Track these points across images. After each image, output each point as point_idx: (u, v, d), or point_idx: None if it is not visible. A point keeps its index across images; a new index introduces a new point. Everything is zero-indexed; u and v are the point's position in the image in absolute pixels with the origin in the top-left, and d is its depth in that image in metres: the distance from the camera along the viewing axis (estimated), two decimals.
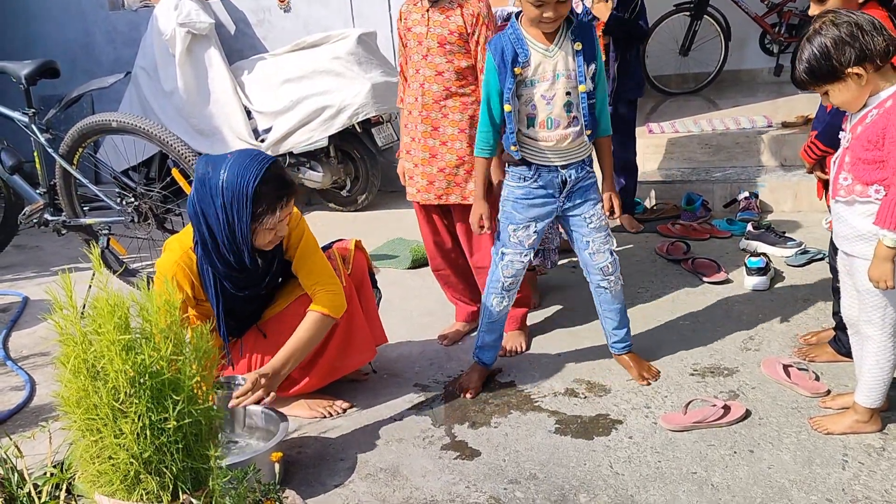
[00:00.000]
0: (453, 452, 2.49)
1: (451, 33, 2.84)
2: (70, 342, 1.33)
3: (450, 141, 2.91)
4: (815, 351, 2.87)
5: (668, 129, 5.35)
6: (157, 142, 3.72)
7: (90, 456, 1.35)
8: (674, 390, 2.74)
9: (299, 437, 2.63)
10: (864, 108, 2.18)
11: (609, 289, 2.80)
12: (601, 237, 2.72)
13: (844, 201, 2.26)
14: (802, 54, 2.15)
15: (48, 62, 3.95)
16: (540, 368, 2.97)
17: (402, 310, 3.52)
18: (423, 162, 2.95)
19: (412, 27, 2.90)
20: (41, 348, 3.49)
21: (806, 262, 3.73)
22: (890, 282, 2.15)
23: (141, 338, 1.35)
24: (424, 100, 2.90)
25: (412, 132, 2.98)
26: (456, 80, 2.88)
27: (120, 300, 1.35)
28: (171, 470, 1.37)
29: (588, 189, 2.70)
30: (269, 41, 5.82)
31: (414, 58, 2.92)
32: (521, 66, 2.52)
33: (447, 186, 2.95)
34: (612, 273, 2.77)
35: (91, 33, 6.39)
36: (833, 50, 2.10)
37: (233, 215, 2.30)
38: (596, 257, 2.73)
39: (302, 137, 4.94)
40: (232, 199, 2.28)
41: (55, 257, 4.78)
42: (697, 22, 6.62)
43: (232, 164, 2.29)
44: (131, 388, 1.31)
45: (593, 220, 2.70)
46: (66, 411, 1.38)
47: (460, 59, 2.86)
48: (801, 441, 2.39)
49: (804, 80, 2.19)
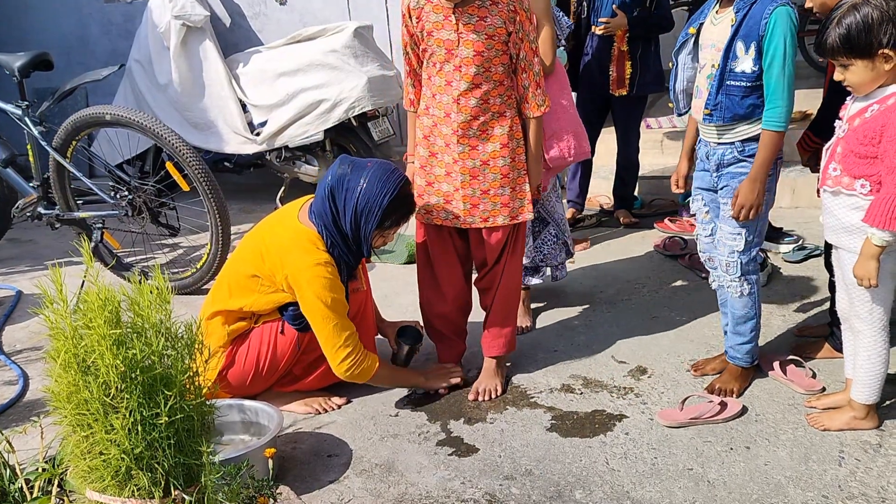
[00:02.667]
0: (449, 448, 2.47)
1: (490, 38, 2.48)
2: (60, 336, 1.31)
3: (491, 160, 2.60)
4: (812, 348, 2.86)
5: (667, 124, 5.34)
6: (151, 135, 3.69)
7: (81, 451, 1.34)
8: (670, 386, 2.73)
9: (294, 433, 2.62)
10: (866, 99, 2.16)
11: (728, 288, 2.60)
12: (727, 230, 2.55)
13: (831, 191, 2.25)
14: (844, 20, 2.10)
15: (41, 54, 3.92)
16: (536, 364, 2.96)
17: (396, 304, 3.51)
18: (462, 185, 2.63)
19: (434, 31, 2.52)
20: (34, 342, 3.47)
21: (803, 258, 3.73)
22: (874, 280, 2.14)
23: (132, 332, 1.33)
24: (461, 117, 2.56)
25: (443, 150, 2.64)
26: (494, 90, 2.55)
27: (111, 294, 1.34)
28: (162, 466, 1.35)
29: (735, 177, 2.49)
30: (264, 34, 5.78)
31: (444, 67, 2.54)
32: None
33: (493, 208, 2.65)
34: (730, 273, 2.56)
35: (86, 25, 6.34)
36: (876, 25, 2.06)
37: (362, 220, 2.51)
38: (719, 247, 2.61)
39: (298, 131, 4.90)
40: (366, 206, 2.49)
41: (49, 251, 4.75)
42: None
43: (372, 175, 2.49)
44: (122, 384, 1.30)
45: (724, 210, 2.55)
46: (57, 406, 1.36)
47: (497, 64, 2.52)
48: (797, 438, 2.38)
49: (835, 47, 2.13)
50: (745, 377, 2.66)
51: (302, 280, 2.51)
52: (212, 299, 2.71)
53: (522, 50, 2.54)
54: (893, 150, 2.06)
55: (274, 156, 5.08)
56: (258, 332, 2.66)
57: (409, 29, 2.60)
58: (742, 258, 2.53)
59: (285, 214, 2.66)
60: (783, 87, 2.33)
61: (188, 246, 4.58)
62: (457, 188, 2.64)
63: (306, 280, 2.50)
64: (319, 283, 2.50)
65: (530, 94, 2.60)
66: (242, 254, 2.70)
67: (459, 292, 2.87)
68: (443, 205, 2.69)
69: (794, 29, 2.32)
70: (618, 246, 4.14)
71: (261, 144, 4.97)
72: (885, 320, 2.30)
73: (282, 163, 5.09)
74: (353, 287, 2.72)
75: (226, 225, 3.72)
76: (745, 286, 2.56)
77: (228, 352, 2.65)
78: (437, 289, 2.86)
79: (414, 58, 2.66)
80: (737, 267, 2.53)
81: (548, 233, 3.22)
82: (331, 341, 2.54)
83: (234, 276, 2.67)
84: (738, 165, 2.48)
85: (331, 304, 2.51)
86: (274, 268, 2.55)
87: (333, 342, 2.54)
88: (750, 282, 2.56)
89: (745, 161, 2.46)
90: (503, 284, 2.79)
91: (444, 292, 2.85)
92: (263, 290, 2.60)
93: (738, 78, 2.39)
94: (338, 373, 2.59)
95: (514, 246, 2.77)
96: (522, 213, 2.70)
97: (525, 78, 2.59)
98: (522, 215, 2.70)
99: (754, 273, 2.57)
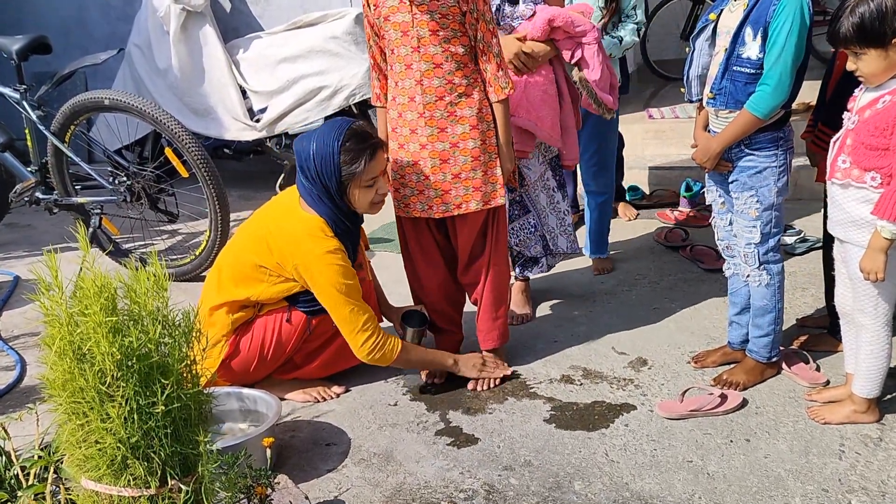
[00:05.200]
0: (447, 438, 2.46)
1: (444, 17, 2.47)
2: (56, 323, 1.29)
3: (461, 141, 2.56)
4: (814, 340, 2.85)
5: (669, 114, 5.31)
6: (150, 120, 3.66)
7: (76, 440, 1.32)
8: (670, 378, 2.72)
9: (293, 421, 2.61)
10: (877, 89, 2.14)
11: (748, 278, 2.58)
12: (742, 222, 2.53)
13: (840, 184, 2.23)
14: (857, 8, 2.08)
15: (40, 37, 3.89)
16: (536, 354, 2.95)
17: (395, 293, 3.47)
18: (433, 171, 2.59)
19: (389, 16, 2.51)
20: (32, 328, 3.46)
21: (806, 250, 3.71)
22: (881, 274, 2.13)
23: (129, 320, 1.31)
24: (425, 98, 2.53)
25: (410, 138, 2.60)
26: (458, 70, 2.52)
27: (107, 281, 1.32)
28: (159, 455, 1.34)
29: (745, 170, 2.47)
30: (265, 19, 5.74)
31: (400, 51, 2.53)
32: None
33: (465, 193, 2.61)
34: (749, 264, 2.54)
35: (85, 7, 6.30)
36: (891, 13, 2.04)
37: (325, 176, 2.48)
38: (738, 238, 2.59)
39: (298, 118, 4.88)
40: (322, 161, 2.47)
41: (47, 236, 4.73)
42: (699, 6, 6.55)
43: (318, 133, 2.50)
44: (118, 372, 1.28)
45: (737, 203, 2.53)
46: (52, 394, 1.35)
47: (456, 44, 2.51)
48: (798, 430, 2.37)
49: (848, 35, 2.11)
50: (757, 372, 2.63)
51: (314, 269, 2.50)
52: (214, 289, 2.68)
53: (479, 30, 2.52)
54: None
55: (274, 142, 5.06)
56: (262, 321, 2.65)
57: (369, 18, 2.59)
58: (760, 249, 2.51)
59: (287, 204, 2.64)
60: (776, 73, 2.30)
61: (187, 233, 4.56)
62: (426, 175, 2.61)
63: (318, 269, 2.50)
64: (333, 270, 2.49)
65: (491, 76, 2.56)
66: (244, 243, 2.68)
67: (442, 284, 2.84)
68: (416, 195, 2.64)
69: (804, 17, 2.29)
70: (618, 237, 4.11)
71: (261, 131, 4.95)
72: (889, 315, 2.29)
73: (282, 150, 5.07)
74: (360, 276, 2.70)
75: (225, 212, 3.70)
76: (763, 276, 2.54)
77: (232, 340, 2.63)
78: (419, 283, 2.86)
79: (377, 50, 2.64)
80: (755, 257, 2.53)
81: (526, 220, 3.16)
82: (349, 325, 2.54)
83: (237, 267, 2.65)
84: (746, 159, 2.46)
85: (345, 290, 2.51)
86: (283, 258, 2.54)
87: (352, 326, 2.53)
88: (770, 272, 2.54)
89: (753, 154, 2.44)
90: (491, 277, 2.76)
91: (426, 286, 2.85)
92: (271, 280, 2.59)
93: (744, 64, 2.37)
94: (360, 356, 2.58)
95: (495, 235, 2.73)
96: (495, 197, 2.66)
97: (485, 60, 2.56)
98: (495, 200, 2.66)
99: (775, 263, 2.55)
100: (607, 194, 3.70)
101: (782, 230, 2.58)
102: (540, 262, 3.27)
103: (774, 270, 2.55)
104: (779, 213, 2.51)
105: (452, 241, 2.77)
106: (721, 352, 2.78)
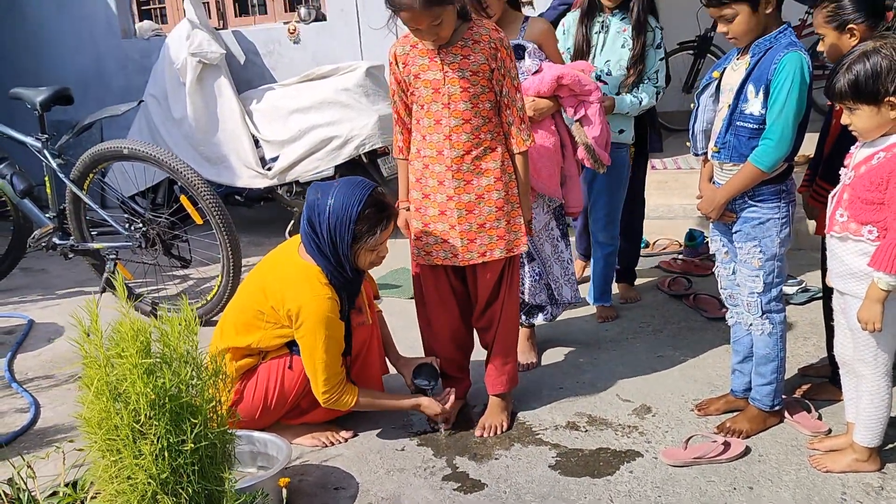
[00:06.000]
0: (454, 483, 2.50)
1: (475, 74, 2.56)
2: (94, 365, 1.36)
3: (486, 193, 2.65)
4: (816, 389, 2.89)
5: (671, 165, 5.42)
6: (167, 169, 3.78)
7: (109, 476, 1.38)
8: (674, 425, 2.76)
9: (301, 465, 2.65)
10: (872, 146, 2.23)
11: (750, 326, 2.64)
12: (745, 272, 2.60)
13: (839, 237, 2.30)
14: (853, 66, 2.18)
15: (63, 89, 4.03)
16: (541, 401, 2.99)
17: (404, 339, 3.53)
18: (459, 221, 2.67)
19: (420, 73, 2.60)
20: (46, 371, 3.52)
21: (807, 300, 3.77)
22: (878, 324, 2.18)
23: (161, 362, 1.39)
24: (453, 152, 2.61)
25: (436, 189, 2.68)
26: (484, 126, 2.62)
27: (142, 325, 1.39)
28: (186, 491, 1.39)
29: (748, 221, 2.55)
30: (277, 71, 5.90)
31: (431, 107, 2.61)
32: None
33: (490, 242, 2.69)
34: (752, 313, 2.61)
35: (103, 60, 6.49)
36: (885, 73, 2.14)
37: (336, 236, 2.54)
38: (741, 287, 2.65)
39: (309, 167, 5.00)
40: (337, 221, 2.52)
41: (60, 280, 4.82)
42: (701, 60, 6.73)
43: (338, 191, 2.54)
44: (151, 411, 1.35)
45: (740, 253, 2.61)
46: (88, 432, 1.41)
47: (484, 100, 2.60)
48: (800, 479, 2.40)
49: (843, 91, 2.21)
50: (759, 420, 2.67)
51: (302, 314, 2.55)
52: (219, 335, 2.74)
53: (505, 86, 2.61)
54: None
55: (284, 190, 5.17)
56: (265, 367, 2.70)
57: (397, 76, 2.67)
58: (762, 298, 2.58)
59: (286, 251, 2.71)
60: (779, 128, 2.40)
61: (198, 277, 4.64)
62: (453, 225, 2.68)
63: (306, 314, 2.55)
64: (317, 318, 2.54)
65: (514, 129, 2.66)
66: (247, 291, 2.75)
67: (455, 332, 2.90)
68: (440, 244, 2.72)
69: (804, 75, 2.38)
70: None
71: (272, 179, 5.06)
72: (889, 365, 2.33)
73: (292, 197, 5.18)
74: (358, 320, 2.77)
75: (237, 258, 3.79)
76: (766, 325, 2.60)
77: (237, 388, 2.68)
78: (431, 329, 2.91)
79: (401, 105, 2.72)
80: (758, 306, 2.59)
81: (532, 269, 3.24)
82: (314, 377, 2.62)
83: (240, 314, 2.71)
84: (749, 210, 2.53)
85: (323, 341, 2.56)
86: (277, 304, 2.60)
87: (316, 378, 2.61)
88: (773, 322, 2.60)
89: (756, 206, 2.51)
90: (503, 321, 2.83)
91: (438, 333, 2.90)
92: (269, 326, 2.64)
93: (747, 119, 2.46)
94: (319, 400, 2.66)
95: (510, 281, 2.81)
96: (518, 245, 2.75)
97: (509, 114, 2.65)
98: (518, 248, 2.75)
99: (777, 313, 2.61)
100: (613, 246, 3.77)
101: (784, 280, 2.64)
102: (545, 310, 3.33)
103: (777, 320, 2.61)
104: (781, 263, 2.58)
105: (471, 287, 2.83)
106: (724, 400, 2.82)
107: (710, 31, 6.56)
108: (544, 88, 3.01)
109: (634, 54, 3.46)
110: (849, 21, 2.49)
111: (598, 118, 3.10)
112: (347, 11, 5.67)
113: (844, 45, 2.50)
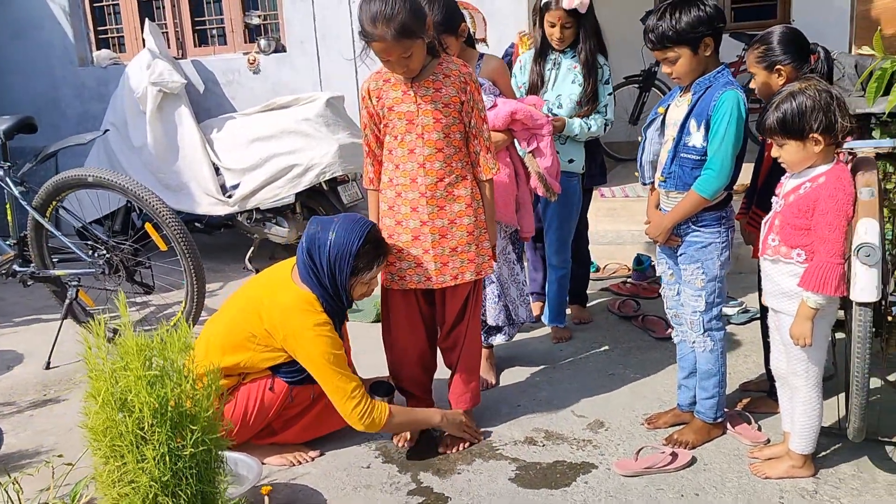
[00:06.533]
0: (419, 497, 2.60)
1: (447, 106, 2.71)
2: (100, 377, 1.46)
3: (458, 218, 2.79)
4: (755, 402, 3.09)
5: (619, 193, 5.64)
6: (131, 196, 3.83)
7: (112, 480, 1.47)
8: (626, 438, 2.92)
9: (269, 484, 2.71)
10: (799, 177, 2.44)
11: (693, 343, 2.82)
12: (689, 292, 2.77)
13: (771, 259, 2.51)
14: (781, 105, 2.39)
15: (26, 118, 4.07)
16: (501, 418, 3.12)
17: (367, 364, 3.63)
18: (433, 245, 2.79)
19: (394, 106, 2.71)
20: (6, 398, 3.52)
21: (747, 320, 3.98)
22: (809, 340, 2.38)
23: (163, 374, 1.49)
24: (427, 180, 2.73)
25: (409, 215, 2.78)
26: (455, 155, 2.76)
27: (146, 341, 1.50)
28: (185, 493, 1.49)
29: (692, 245, 2.72)
30: (237, 101, 6.00)
31: (406, 138, 2.72)
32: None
33: (461, 265, 2.82)
34: (695, 330, 2.79)
35: (59, 88, 6.49)
36: (809, 112, 2.35)
37: (336, 269, 2.68)
38: (684, 306, 2.83)
39: (269, 194, 5.08)
40: (337, 255, 2.67)
41: (17, 307, 4.79)
42: (646, 93, 7.04)
43: (339, 227, 2.69)
44: (153, 419, 1.44)
45: (684, 274, 2.77)
46: (94, 439, 1.50)
47: (455, 131, 2.75)
48: (742, 485, 2.57)
49: (772, 127, 2.42)
50: (704, 432, 2.84)
51: (304, 340, 2.66)
52: (203, 354, 2.77)
53: (473, 118, 2.76)
54: (824, 223, 2.33)
55: (244, 217, 5.24)
56: (246, 389, 2.77)
57: (370, 109, 2.77)
58: (704, 316, 2.76)
59: (280, 277, 2.80)
60: (719, 159, 2.59)
61: (159, 304, 4.67)
62: (426, 249, 2.79)
63: (308, 340, 2.65)
64: (322, 342, 2.65)
65: (481, 158, 2.82)
66: (236, 313, 2.82)
67: (422, 354, 3.00)
68: (414, 268, 2.82)
69: (740, 110, 2.58)
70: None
71: (233, 206, 5.13)
72: (819, 377, 2.52)
73: (252, 224, 5.25)
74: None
75: (201, 284, 3.85)
76: (707, 342, 2.78)
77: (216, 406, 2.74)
78: (397, 351, 3.00)
79: (373, 138, 2.82)
80: (700, 324, 2.77)
81: (491, 290, 3.39)
82: (339, 394, 2.67)
83: (228, 335, 2.77)
84: (693, 234, 2.72)
85: (334, 360, 2.66)
86: (273, 328, 2.69)
87: (342, 395, 2.67)
88: (713, 339, 2.79)
89: (699, 231, 2.71)
90: (467, 341, 2.96)
91: (405, 355, 2.99)
92: (258, 349, 2.73)
93: (689, 151, 2.66)
94: (352, 422, 2.70)
95: (475, 302, 2.95)
96: (486, 268, 2.90)
97: (477, 144, 2.81)
98: (486, 270, 2.91)
99: (718, 330, 2.80)
100: (565, 269, 3.93)
101: (724, 300, 2.84)
102: (504, 331, 3.47)
103: (717, 337, 2.80)
104: (722, 284, 2.77)
105: (439, 309, 2.95)
106: (671, 413, 3.00)
107: (654, 66, 6.86)
108: (499, 123, 3.19)
109: (587, 93, 3.68)
110: (777, 62, 2.73)
111: (550, 150, 3.30)
112: (307, 43, 5.81)
113: (773, 83, 2.74)
